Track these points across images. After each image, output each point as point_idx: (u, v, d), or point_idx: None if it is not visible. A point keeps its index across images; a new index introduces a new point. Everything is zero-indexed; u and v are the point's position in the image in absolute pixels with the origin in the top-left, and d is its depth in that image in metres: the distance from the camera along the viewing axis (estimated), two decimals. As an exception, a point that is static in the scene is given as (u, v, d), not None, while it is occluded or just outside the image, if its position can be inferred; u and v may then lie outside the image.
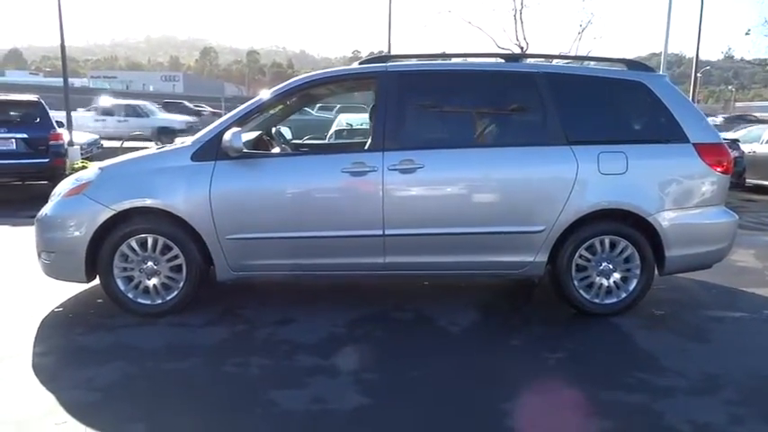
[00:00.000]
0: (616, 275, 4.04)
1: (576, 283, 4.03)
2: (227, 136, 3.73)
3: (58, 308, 4.11)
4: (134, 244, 3.88)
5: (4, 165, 9.30)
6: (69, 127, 14.47)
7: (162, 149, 4.18)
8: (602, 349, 3.58)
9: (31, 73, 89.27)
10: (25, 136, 9.45)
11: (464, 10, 59.06)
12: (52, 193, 4.16)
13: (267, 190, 3.89)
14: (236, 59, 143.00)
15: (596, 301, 4.05)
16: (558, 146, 3.92)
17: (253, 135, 4.44)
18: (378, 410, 2.79)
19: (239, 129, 3.79)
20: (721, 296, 4.68)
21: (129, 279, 3.93)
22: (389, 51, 15.74)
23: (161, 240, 3.88)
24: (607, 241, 4.00)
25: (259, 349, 3.46)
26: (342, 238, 3.89)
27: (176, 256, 3.91)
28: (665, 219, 3.96)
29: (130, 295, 3.93)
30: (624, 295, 4.06)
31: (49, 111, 10.07)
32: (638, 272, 4.03)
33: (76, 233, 3.85)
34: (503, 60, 4.20)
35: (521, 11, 18.99)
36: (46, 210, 4.03)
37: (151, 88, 70.36)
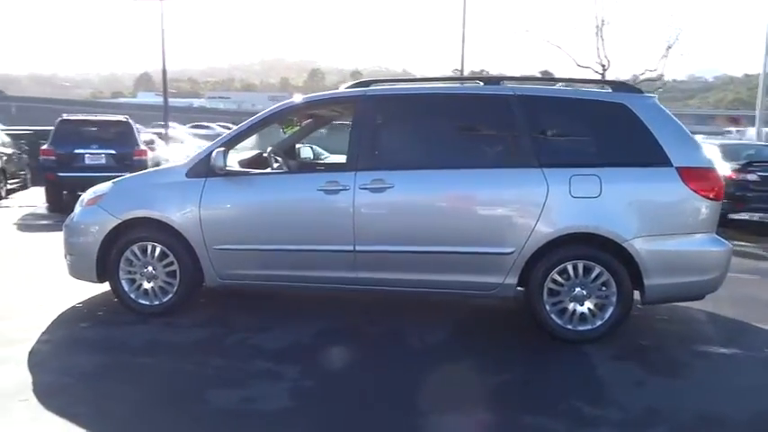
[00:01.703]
0: (590, 302, 3.94)
1: (548, 307, 3.97)
2: (213, 155, 4.11)
3: (78, 304, 4.65)
4: (136, 250, 4.34)
5: (94, 177, 10.43)
6: (167, 143, 15.91)
7: (164, 166, 4.63)
8: (554, 376, 3.53)
9: (157, 94, 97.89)
10: (113, 152, 10.61)
11: (544, 28, 56.60)
12: (78, 201, 4.74)
13: (250, 205, 4.22)
14: (341, 80, 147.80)
15: (569, 327, 3.97)
16: (528, 168, 3.92)
17: (253, 153, 4.80)
18: (295, 413, 2.98)
19: (224, 149, 4.15)
20: (726, 331, 4.39)
21: (133, 281, 4.39)
22: (462, 70, 15.93)
23: (159, 248, 4.31)
24: (581, 266, 3.91)
25: (223, 352, 3.75)
26: (316, 252, 4.13)
27: (171, 263, 4.32)
28: (643, 245, 3.82)
29: (133, 296, 4.39)
30: (599, 323, 3.94)
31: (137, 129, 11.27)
32: (614, 299, 3.91)
33: (90, 238, 4.37)
34: (481, 83, 4.27)
35: (602, 28, 18.28)
36: (71, 217, 4.61)
37: (260, 108, 74.85)
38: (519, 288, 4.06)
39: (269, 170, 4.49)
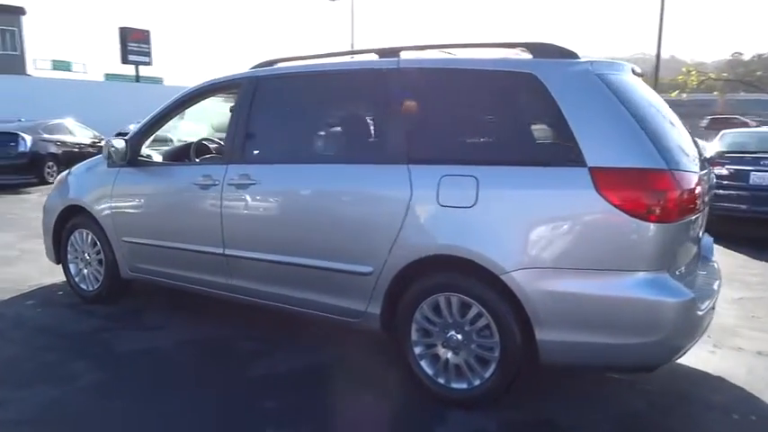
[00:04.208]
0: (467, 352, 2.84)
1: (416, 350, 2.98)
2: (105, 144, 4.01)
3: (61, 282, 4.97)
4: (77, 236, 4.49)
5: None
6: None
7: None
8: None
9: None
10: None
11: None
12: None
13: (145, 198, 4.02)
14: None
15: (440, 381, 2.92)
16: (392, 165, 2.96)
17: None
18: (21, 426, 2.70)
19: (116, 139, 4.01)
20: (717, 425, 2.78)
21: (77, 266, 4.55)
22: (658, 54, 12.93)
23: (90, 236, 4.39)
24: (455, 302, 2.84)
25: (72, 345, 3.64)
26: (194, 252, 3.74)
27: (100, 251, 4.36)
28: (532, 281, 2.60)
29: (76, 280, 4.55)
30: (478, 383, 2.82)
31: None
32: (497, 353, 2.75)
33: (48, 221, 4.66)
34: (377, 57, 3.32)
35: None
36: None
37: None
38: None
39: (163, 161, 4.23)
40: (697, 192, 2.70)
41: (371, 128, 3.25)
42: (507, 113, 2.85)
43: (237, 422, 2.77)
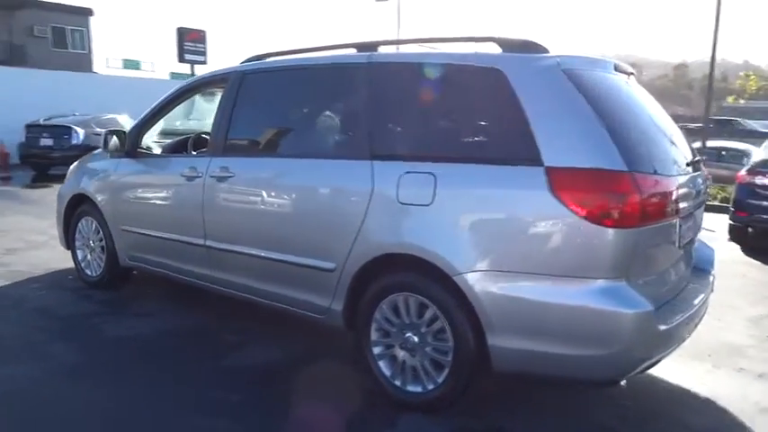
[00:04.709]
0: (422, 355, 2.76)
1: (375, 350, 2.92)
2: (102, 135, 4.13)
3: (70, 268, 5.13)
4: (83, 223, 4.65)
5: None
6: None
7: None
8: None
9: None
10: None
11: None
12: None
13: (137, 188, 4.12)
14: (662, 74, 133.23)
15: (397, 383, 2.85)
16: (356, 160, 2.91)
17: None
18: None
19: (110, 130, 4.14)
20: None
21: (83, 252, 4.72)
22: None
23: (94, 224, 4.54)
24: (412, 302, 2.76)
25: (67, 330, 3.75)
26: (181, 243, 3.80)
27: (102, 239, 4.50)
28: (483, 284, 2.50)
29: (83, 265, 4.72)
30: (431, 386, 2.74)
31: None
32: (450, 357, 2.66)
33: (59, 208, 4.85)
34: (355, 51, 3.27)
35: None
36: None
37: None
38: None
39: (161, 153, 4.32)
40: (672, 197, 2.53)
41: (339, 122, 3.22)
42: (471, 109, 2.75)
43: (194, 411, 2.79)
